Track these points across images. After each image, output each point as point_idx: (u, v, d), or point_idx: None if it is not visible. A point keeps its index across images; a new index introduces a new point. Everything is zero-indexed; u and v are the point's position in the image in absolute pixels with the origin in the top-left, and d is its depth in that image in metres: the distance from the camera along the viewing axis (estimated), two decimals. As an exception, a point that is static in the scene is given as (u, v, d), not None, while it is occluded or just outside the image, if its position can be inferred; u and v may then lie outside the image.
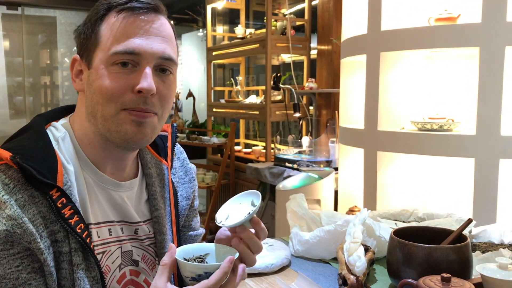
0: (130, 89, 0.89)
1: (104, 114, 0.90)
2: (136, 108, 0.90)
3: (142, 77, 0.89)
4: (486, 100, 1.94)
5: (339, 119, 2.78)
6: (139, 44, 0.89)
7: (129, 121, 0.90)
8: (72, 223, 0.85)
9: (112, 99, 0.89)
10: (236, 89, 5.06)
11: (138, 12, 0.91)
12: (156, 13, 0.93)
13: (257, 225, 0.94)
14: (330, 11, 4.01)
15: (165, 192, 1.09)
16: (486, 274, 1.06)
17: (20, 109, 6.92)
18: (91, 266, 0.88)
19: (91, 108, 0.91)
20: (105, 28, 0.91)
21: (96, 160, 0.96)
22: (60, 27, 7.18)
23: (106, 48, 0.89)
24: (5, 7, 6.66)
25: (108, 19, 0.91)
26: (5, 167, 0.84)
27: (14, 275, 0.80)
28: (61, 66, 7.34)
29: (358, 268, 1.21)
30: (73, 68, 0.96)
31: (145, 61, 0.90)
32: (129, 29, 0.90)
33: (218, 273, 0.82)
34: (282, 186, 3.00)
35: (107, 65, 0.89)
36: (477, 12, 1.95)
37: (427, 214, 1.69)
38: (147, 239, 1.04)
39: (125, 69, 0.89)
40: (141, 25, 0.90)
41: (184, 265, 0.84)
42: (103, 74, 0.89)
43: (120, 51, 0.88)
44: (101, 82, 0.89)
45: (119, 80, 0.89)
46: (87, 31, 0.92)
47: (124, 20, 0.90)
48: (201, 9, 5.33)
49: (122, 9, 0.90)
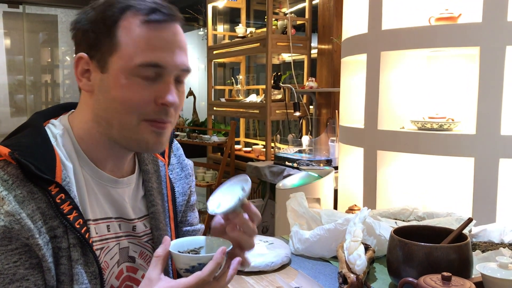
0: (152, 100, 0.90)
1: (123, 123, 0.90)
2: (157, 119, 0.91)
3: (167, 90, 0.90)
4: (486, 99, 1.94)
5: (339, 118, 2.78)
6: (165, 58, 0.89)
7: (149, 132, 0.91)
8: (71, 218, 0.86)
9: (134, 110, 0.89)
10: (236, 88, 5.06)
11: (161, 24, 0.90)
12: (175, 23, 0.93)
13: (249, 209, 0.95)
14: (330, 10, 4.01)
15: (162, 188, 1.10)
16: (487, 273, 1.06)
17: (21, 107, 6.92)
18: (90, 261, 0.89)
19: (105, 114, 0.91)
20: (126, 35, 0.89)
21: (95, 157, 0.96)
22: (61, 25, 7.17)
23: (128, 58, 0.88)
24: (6, 5, 6.65)
25: (126, 25, 0.89)
26: (4, 164, 0.84)
27: (11, 271, 0.81)
28: (62, 65, 7.33)
29: (358, 267, 1.22)
30: (78, 66, 0.93)
31: (168, 74, 0.90)
32: (153, 40, 0.89)
33: (211, 264, 0.82)
34: (282, 184, 3.00)
35: (129, 75, 0.88)
36: (478, 12, 1.96)
37: (427, 213, 1.69)
38: (145, 235, 1.05)
39: (148, 81, 0.89)
40: (166, 39, 0.90)
41: (177, 257, 0.85)
42: (124, 84, 0.88)
43: (146, 64, 0.88)
44: (123, 92, 0.88)
45: (142, 92, 0.89)
46: (99, 32, 0.90)
47: (149, 32, 0.89)
48: (202, 8, 5.33)
49: (147, 21, 0.89)
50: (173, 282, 0.82)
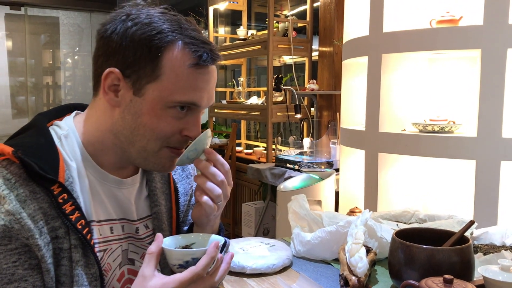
0: (179, 131, 0.93)
1: (146, 148, 0.93)
2: (178, 147, 0.95)
3: (195, 125, 0.94)
4: (487, 102, 1.94)
5: (340, 121, 2.78)
6: (202, 98, 0.92)
7: (168, 157, 0.95)
8: (73, 219, 0.86)
9: (161, 139, 0.92)
10: (237, 90, 5.06)
11: (205, 64, 0.91)
12: (215, 64, 0.95)
13: (211, 155, 0.97)
14: (331, 12, 4.02)
15: (165, 189, 1.10)
16: (489, 276, 1.06)
17: (23, 109, 6.92)
18: (91, 263, 0.88)
19: (129, 134, 0.93)
20: (169, 68, 0.88)
21: (100, 160, 0.96)
22: (63, 27, 7.17)
23: (169, 92, 0.89)
24: (8, 7, 6.66)
25: (172, 58, 0.89)
26: (7, 162, 0.84)
27: (10, 271, 0.80)
28: (64, 66, 7.34)
29: (359, 269, 1.22)
30: (106, 79, 0.91)
31: (200, 110, 0.95)
32: (197, 83, 0.91)
33: (205, 258, 0.82)
34: (283, 187, 3.00)
35: (165, 107, 0.90)
36: (479, 14, 1.96)
37: (429, 216, 1.69)
38: (147, 237, 1.05)
39: (181, 114, 0.92)
40: (207, 80, 0.93)
41: (170, 252, 0.85)
42: (159, 114, 0.90)
43: (184, 102, 0.91)
44: (155, 122, 0.91)
45: (174, 124, 0.92)
46: (142, 55, 0.88)
47: (194, 73, 0.90)
48: (203, 10, 5.33)
49: (195, 64, 0.89)
50: (167, 278, 0.81)
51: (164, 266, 1.03)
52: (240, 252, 1.44)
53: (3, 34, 6.75)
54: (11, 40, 6.87)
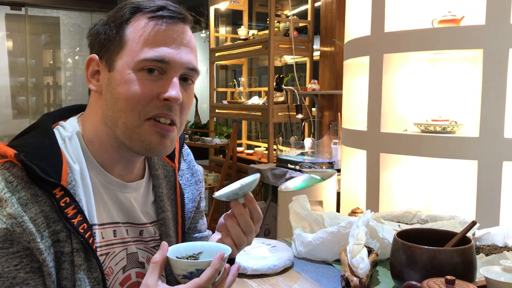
0: (156, 96, 0.90)
1: (127, 123, 0.90)
2: (160, 114, 0.90)
3: (170, 86, 0.90)
4: (489, 102, 1.93)
5: (342, 121, 2.78)
6: (169, 53, 0.90)
7: (153, 132, 0.91)
8: (75, 223, 0.85)
9: (136, 106, 0.89)
10: (238, 90, 5.06)
11: (169, 22, 0.91)
12: (184, 24, 0.93)
13: (250, 203, 0.96)
14: (333, 12, 4.01)
15: (171, 194, 1.09)
16: (491, 277, 1.05)
17: (23, 109, 6.92)
18: (93, 267, 0.88)
19: (111, 113, 0.91)
20: (133, 32, 0.90)
21: (104, 161, 0.96)
22: (64, 27, 7.18)
23: (134, 53, 0.89)
24: (9, 7, 6.67)
25: (135, 23, 0.90)
26: (10, 165, 0.83)
27: (12, 274, 0.80)
28: (64, 67, 7.34)
29: (361, 270, 1.21)
30: (88, 68, 0.95)
31: (172, 70, 0.91)
32: (161, 37, 0.90)
33: (209, 270, 0.81)
34: (284, 187, 2.99)
35: (134, 71, 0.89)
36: (481, 14, 1.95)
37: (430, 216, 1.68)
38: (152, 240, 1.04)
39: (151, 76, 0.89)
40: (172, 35, 0.91)
41: (175, 262, 0.83)
42: (129, 79, 0.89)
43: (151, 58, 0.88)
44: (128, 88, 0.89)
45: (146, 87, 0.89)
46: (110, 32, 0.91)
47: (155, 27, 0.90)
48: (204, 10, 5.33)
49: (153, 17, 0.90)
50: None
51: (169, 273, 1.03)
52: (241, 253, 1.43)
53: (4, 34, 6.76)
54: (12, 40, 6.87)
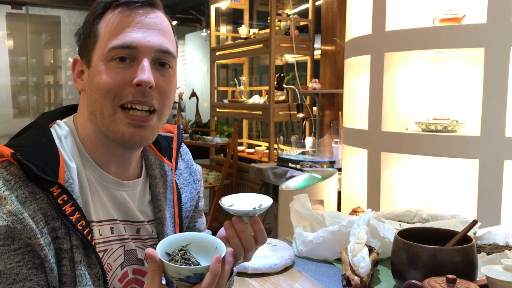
0: (129, 83, 0.89)
1: (103, 112, 0.90)
2: (134, 101, 0.89)
3: (139, 69, 0.88)
4: (490, 101, 1.93)
5: (343, 120, 2.77)
6: (135, 38, 0.89)
7: (125, 123, 0.90)
8: (73, 220, 0.85)
9: (109, 94, 0.88)
10: (239, 89, 5.06)
11: (133, 6, 0.90)
12: (151, 7, 0.93)
13: (256, 225, 0.95)
14: (334, 11, 4.01)
15: (168, 194, 1.09)
16: (492, 276, 1.05)
17: (24, 108, 6.93)
18: (93, 263, 0.88)
19: (91, 107, 0.91)
20: (102, 25, 0.91)
21: (99, 159, 0.96)
22: (64, 26, 7.18)
23: (104, 45, 0.89)
24: (10, 6, 6.67)
25: (105, 17, 0.91)
26: (7, 164, 0.84)
27: (14, 271, 0.80)
28: (65, 66, 7.35)
29: (362, 269, 1.21)
30: (74, 69, 0.96)
31: (142, 54, 0.89)
32: (125, 23, 0.89)
33: (209, 278, 0.79)
34: (285, 186, 2.99)
35: (105, 61, 0.89)
36: (482, 13, 1.95)
37: (431, 215, 1.68)
38: (149, 239, 1.04)
39: (123, 64, 0.89)
40: (137, 19, 0.90)
41: (170, 267, 0.80)
42: (101, 70, 0.89)
43: (117, 46, 0.88)
44: (99, 79, 0.89)
45: (117, 75, 0.88)
46: (86, 31, 0.93)
47: (119, 15, 0.90)
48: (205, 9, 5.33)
49: (118, 5, 0.90)
50: None
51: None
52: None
53: (4, 33, 6.76)
54: (12, 39, 6.88)
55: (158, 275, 0.81)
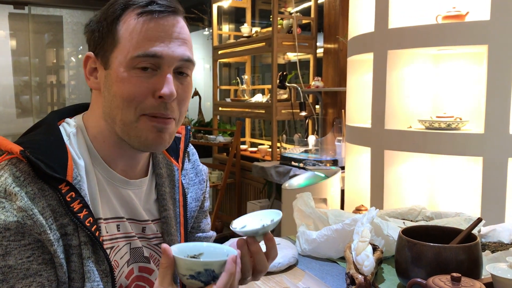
0: (151, 93, 0.89)
1: (124, 119, 0.90)
2: (157, 113, 0.90)
3: (164, 82, 0.89)
4: (494, 98, 1.92)
5: (346, 118, 2.77)
6: (161, 48, 0.89)
7: (149, 127, 0.91)
8: (81, 216, 0.87)
9: (132, 104, 0.89)
10: (242, 88, 5.06)
11: (158, 16, 0.90)
12: (175, 16, 0.93)
13: (270, 242, 0.93)
14: (336, 9, 4.00)
15: (174, 193, 1.09)
16: (497, 274, 1.05)
17: (27, 108, 6.93)
18: (101, 259, 0.90)
19: (109, 110, 0.92)
20: (124, 29, 0.90)
21: (107, 157, 0.97)
22: (67, 26, 7.19)
23: (126, 51, 0.89)
24: (12, 6, 6.68)
25: (126, 20, 0.90)
26: (17, 161, 0.86)
27: (25, 266, 0.82)
28: (68, 65, 7.35)
29: (366, 268, 1.21)
30: (86, 65, 0.96)
31: (166, 65, 0.90)
32: (151, 33, 0.89)
33: (224, 277, 0.78)
34: (288, 185, 2.99)
35: (127, 69, 0.89)
36: (486, 10, 1.94)
37: (435, 213, 1.68)
38: (154, 238, 1.04)
39: (146, 73, 0.89)
40: (162, 29, 0.90)
41: (182, 261, 0.80)
42: (123, 77, 0.89)
43: (142, 55, 0.88)
44: (122, 86, 0.89)
45: (140, 84, 0.89)
46: (103, 30, 0.92)
47: (145, 24, 0.89)
48: (207, 7, 5.33)
49: (142, 12, 0.90)
50: None
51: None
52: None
53: (7, 33, 6.77)
54: (15, 39, 6.88)
55: (170, 272, 0.81)
